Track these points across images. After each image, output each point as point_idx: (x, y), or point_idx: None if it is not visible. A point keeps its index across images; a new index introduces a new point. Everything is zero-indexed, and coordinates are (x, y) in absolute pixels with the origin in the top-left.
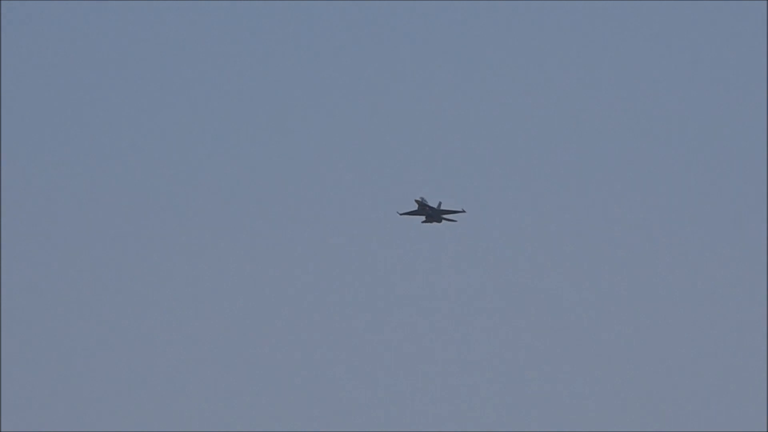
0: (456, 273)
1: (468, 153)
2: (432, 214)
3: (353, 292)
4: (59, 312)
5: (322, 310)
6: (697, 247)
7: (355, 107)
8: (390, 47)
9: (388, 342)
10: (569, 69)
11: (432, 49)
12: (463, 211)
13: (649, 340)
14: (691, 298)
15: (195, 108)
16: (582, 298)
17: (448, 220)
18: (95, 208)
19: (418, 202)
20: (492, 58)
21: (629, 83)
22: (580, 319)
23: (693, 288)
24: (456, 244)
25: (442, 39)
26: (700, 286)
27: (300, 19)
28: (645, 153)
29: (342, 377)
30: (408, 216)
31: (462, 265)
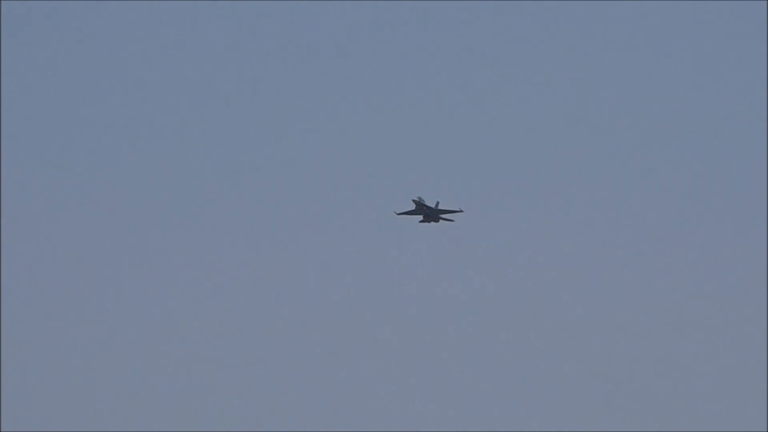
0: (453, 273)
1: (466, 153)
2: (430, 213)
3: (351, 291)
4: (59, 312)
5: (319, 309)
6: (697, 247)
7: (353, 107)
8: (388, 47)
9: (385, 342)
10: (569, 69)
11: (430, 50)
12: (461, 211)
13: (649, 340)
14: (691, 298)
15: (195, 108)
16: (581, 298)
17: (445, 219)
18: (95, 208)
19: (415, 201)
20: (490, 58)
21: (629, 83)
22: (579, 319)
23: (693, 288)
24: (453, 243)
25: (439, 39)
26: (700, 286)
27: (300, 19)
28: (645, 153)
29: (340, 377)
30: (405, 216)
31: (460, 265)
